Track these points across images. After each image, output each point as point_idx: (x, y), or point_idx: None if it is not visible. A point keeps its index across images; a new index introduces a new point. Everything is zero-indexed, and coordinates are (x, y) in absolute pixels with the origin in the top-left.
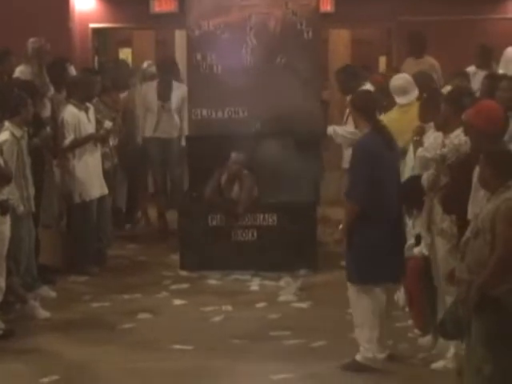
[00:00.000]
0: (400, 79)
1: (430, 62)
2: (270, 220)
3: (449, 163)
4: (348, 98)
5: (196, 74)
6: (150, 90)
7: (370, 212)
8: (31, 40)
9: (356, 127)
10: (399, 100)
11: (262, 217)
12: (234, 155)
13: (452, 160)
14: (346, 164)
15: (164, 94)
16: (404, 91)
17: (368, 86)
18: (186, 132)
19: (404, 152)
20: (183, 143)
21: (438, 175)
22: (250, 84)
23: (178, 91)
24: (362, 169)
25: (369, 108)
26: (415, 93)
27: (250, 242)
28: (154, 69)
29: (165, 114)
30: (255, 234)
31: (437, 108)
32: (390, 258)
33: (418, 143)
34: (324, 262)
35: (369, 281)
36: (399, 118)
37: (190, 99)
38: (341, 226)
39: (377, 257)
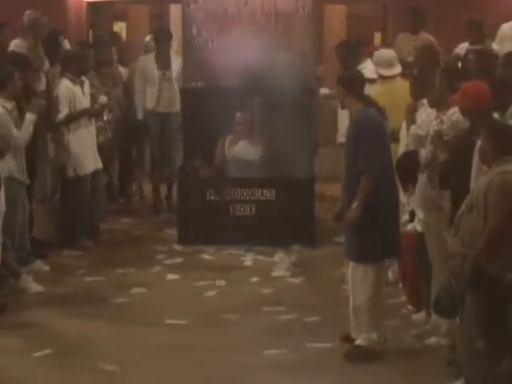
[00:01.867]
0: (387, 52)
1: (426, 38)
2: (269, 195)
3: (446, 139)
4: None
5: (191, 48)
6: (148, 61)
7: (383, 185)
8: (27, 13)
9: (342, 107)
10: (384, 72)
11: (260, 191)
12: (238, 115)
13: (450, 136)
14: (341, 138)
15: (164, 64)
16: (390, 64)
17: (368, 62)
18: None
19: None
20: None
21: (436, 151)
22: (245, 59)
23: (177, 61)
24: (374, 141)
25: (357, 85)
26: (399, 68)
27: (248, 216)
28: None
29: (166, 83)
30: (253, 209)
31: (430, 84)
32: (396, 233)
33: (411, 120)
34: (318, 237)
35: (381, 259)
36: (385, 91)
37: (184, 73)
38: (355, 205)
39: (388, 233)
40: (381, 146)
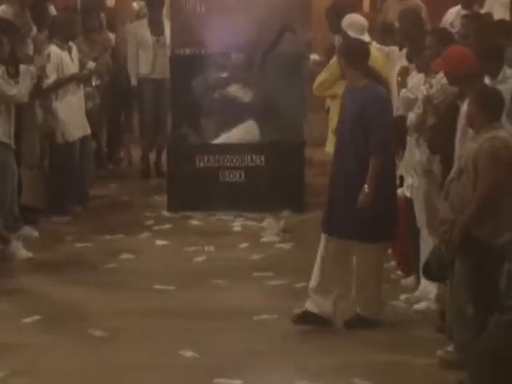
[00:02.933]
0: (361, 18)
1: (415, 2)
2: (258, 161)
3: (436, 103)
4: (336, 37)
5: (179, 14)
6: (141, 26)
7: (390, 164)
8: None
9: (343, 78)
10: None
11: (249, 157)
12: (233, 56)
13: (439, 100)
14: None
15: (157, 29)
16: (362, 30)
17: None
18: None
19: None
20: None
21: (425, 115)
22: (233, 24)
23: (169, 26)
24: (385, 121)
25: (361, 58)
26: (367, 38)
27: (238, 183)
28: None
29: (160, 50)
30: (243, 175)
31: (416, 50)
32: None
33: (402, 84)
34: (306, 203)
35: (392, 234)
36: None
37: (173, 39)
38: (367, 188)
39: (394, 208)
40: (389, 126)
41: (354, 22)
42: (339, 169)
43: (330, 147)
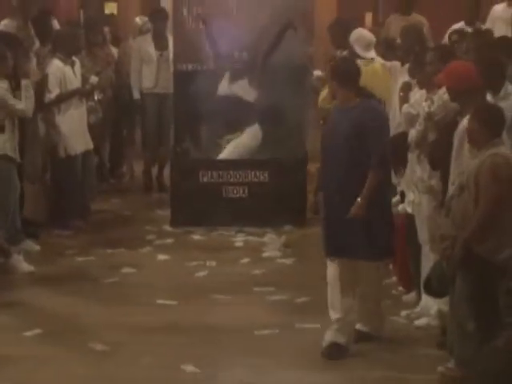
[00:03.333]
0: (368, 34)
1: (418, 19)
2: (262, 177)
3: (437, 119)
4: (339, 52)
5: (182, 29)
6: (145, 41)
7: (387, 179)
8: None
9: (333, 97)
10: (366, 54)
11: (253, 173)
12: (236, 54)
13: (440, 116)
14: None
15: (161, 44)
16: (369, 46)
17: None
18: None
19: None
20: None
21: (426, 132)
22: (236, 39)
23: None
24: (383, 134)
25: (352, 79)
26: (373, 54)
27: (242, 198)
28: (150, 24)
29: (163, 64)
30: (246, 191)
31: (418, 66)
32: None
33: (404, 99)
34: (309, 218)
35: (392, 251)
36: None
37: (175, 54)
38: (359, 199)
39: (391, 224)
40: (387, 142)
41: (361, 37)
42: (337, 190)
43: None
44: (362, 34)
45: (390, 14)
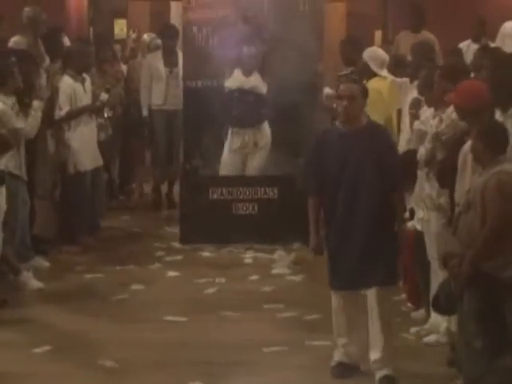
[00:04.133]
0: (382, 52)
1: (427, 37)
2: (271, 193)
3: (445, 139)
4: (350, 69)
5: (191, 46)
6: (155, 58)
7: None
8: (26, 9)
9: (347, 120)
10: (381, 72)
11: (262, 190)
12: (245, 49)
13: (449, 135)
14: None
15: (171, 61)
16: (383, 65)
17: None
18: None
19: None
20: None
21: (434, 151)
22: (244, 57)
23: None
24: (398, 155)
25: (366, 97)
26: (386, 72)
27: (251, 215)
28: (158, 41)
29: (173, 81)
30: (256, 208)
31: (427, 84)
32: None
33: (414, 116)
34: None
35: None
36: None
37: (185, 71)
38: (397, 224)
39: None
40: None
41: (376, 56)
42: (351, 217)
43: None
44: (376, 53)
45: (399, 32)
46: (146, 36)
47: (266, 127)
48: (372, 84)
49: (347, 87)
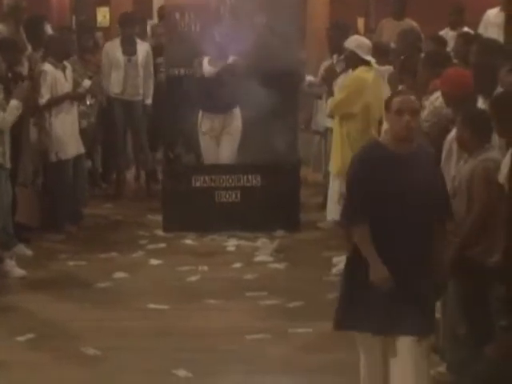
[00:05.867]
0: (367, 40)
1: (410, 24)
2: (254, 181)
3: (427, 126)
4: (334, 57)
5: (174, 33)
6: (113, 46)
7: None
8: None
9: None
10: (370, 58)
11: (245, 178)
12: (217, 35)
13: (431, 122)
14: (315, 126)
15: (129, 49)
16: (369, 52)
17: None
18: (151, 90)
19: None
20: (149, 101)
21: None
22: (228, 43)
23: (143, 46)
24: None
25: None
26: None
27: (234, 203)
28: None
29: (131, 70)
30: (239, 196)
31: (411, 71)
32: None
33: None
34: (301, 223)
35: None
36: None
37: (167, 58)
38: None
39: None
40: None
41: (362, 43)
42: (396, 248)
43: (334, 168)
44: (362, 41)
45: (381, 19)
46: None
47: (237, 113)
48: (358, 73)
49: (408, 100)
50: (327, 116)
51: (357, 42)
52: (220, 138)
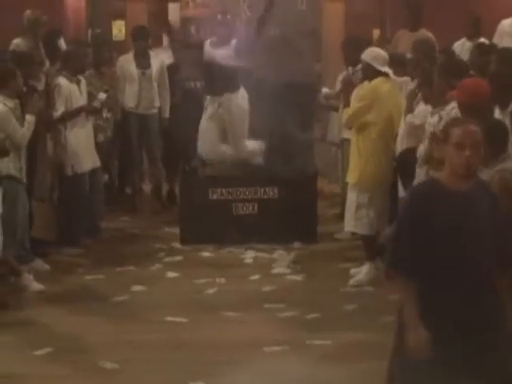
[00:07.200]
0: (381, 50)
1: (426, 35)
2: (271, 193)
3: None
4: (350, 69)
5: (189, 47)
6: (127, 59)
7: None
8: (27, 12)
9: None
10: (383, 69)
11: (262, 190)
12: (220, 17)
13: None
14: (332, 137)
15: (143, 62)
16: (385, 63)
17: None
18: (168, 103)
19: None
20: (166, 115)
21: (431, 151)
22: (243, 57)
23: (157, 59)
24: None
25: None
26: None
27: (251, 215)
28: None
29: (145, 83)
30: (256, 208)
31: (426, 81)
32: None
33: (408, 110)
34: (317, 234)
35: None
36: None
37: (183, 71)
38: None
39: None
40: None
41: (378, 55)
42: (459, 305)
43: (352, 179)
44: (378, 52)
45: (397, 31)
46: None
47: (240, 95)
48: (374, 84)
49: (470, 131)
50: (344, 127)
51: (373, 54)
52: (227, 121)
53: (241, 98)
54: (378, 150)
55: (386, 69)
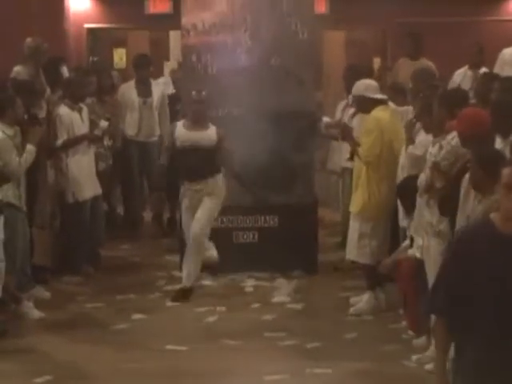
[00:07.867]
0: (370, 80)
1: (426, 64)
2: (271, 222)
3: (444, 165)
4: (350, 97)
5: (191, 75)
6: (128, 87)
7: None
8: (28, 40)
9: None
10: (381, 96)
11: (263, 218)
12: (194, 93)
13: (449, 162)
14: (332, 166)
15: (144, 90)
16: (377, 90)
17: None
18: (168, 131)
19: None
20: (167, 143)
21: (433, 180)
22: (245, 85)
23: (158, 88)
24: None
25: None
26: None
27: (252, 244)
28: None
29: (146, 112)
30: (256, 236)
31: (426, 110)
32: None
33: (409, 141)
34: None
35: None
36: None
37: (184, 100)
38: None
39: None
40: None
41: (369, 85)
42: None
43: (355, 208)
44: (368, 83)
45: (398, 59)
46: None
47: (219, 178)
48: (375, 113)
49: None
50: (365, 165)
51: (363, 85)
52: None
53: (220, 180)
54: (382, 178)
55: (380, 95)
